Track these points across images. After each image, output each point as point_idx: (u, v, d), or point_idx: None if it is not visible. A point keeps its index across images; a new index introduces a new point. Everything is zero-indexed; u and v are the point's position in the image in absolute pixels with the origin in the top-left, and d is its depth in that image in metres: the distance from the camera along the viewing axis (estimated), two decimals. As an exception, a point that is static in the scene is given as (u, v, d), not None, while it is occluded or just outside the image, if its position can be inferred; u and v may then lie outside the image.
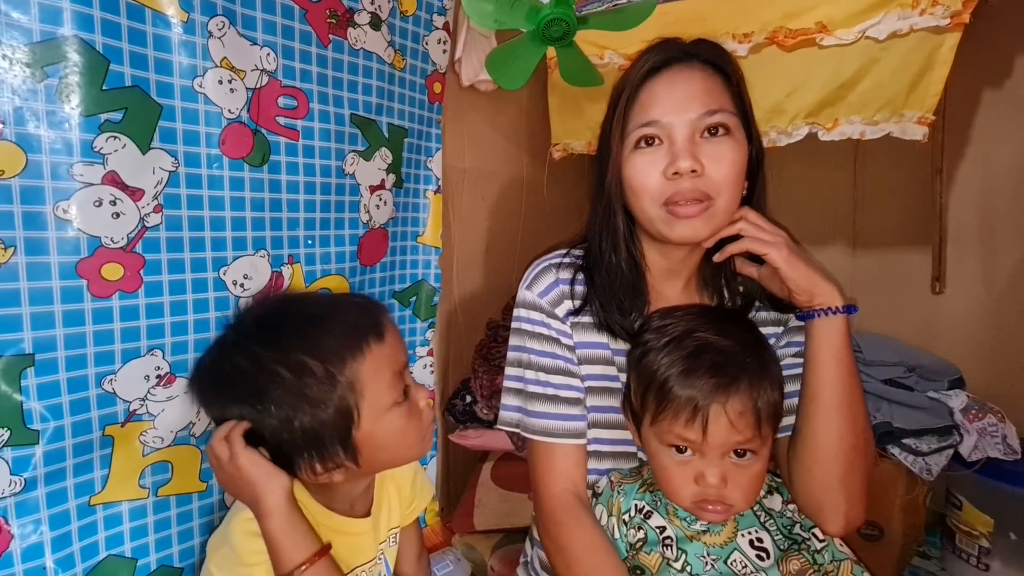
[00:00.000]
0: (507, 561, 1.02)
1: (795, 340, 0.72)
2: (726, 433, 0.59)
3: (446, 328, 1.27)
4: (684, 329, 0.64)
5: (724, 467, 0.61)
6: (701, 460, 0.61)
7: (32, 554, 0.63)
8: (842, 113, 1.01)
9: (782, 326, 0.73)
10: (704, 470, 0.61)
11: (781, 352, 0.72)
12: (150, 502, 0.73)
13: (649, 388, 0.63)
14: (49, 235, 0.62)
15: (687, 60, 0.66)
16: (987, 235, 1.21)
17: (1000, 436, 1.05)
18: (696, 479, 0.61)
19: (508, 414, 0.74)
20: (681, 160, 0.62)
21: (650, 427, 0.64)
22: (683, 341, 0.63)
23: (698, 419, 0.59)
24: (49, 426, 0.63)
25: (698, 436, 0.59)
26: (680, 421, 0.60)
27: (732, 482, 0.61)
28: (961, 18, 0.88)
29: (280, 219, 0.83)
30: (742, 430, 0.59)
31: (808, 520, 0.66)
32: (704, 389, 0.59)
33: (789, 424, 0.68)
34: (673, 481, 0.63)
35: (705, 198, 0.63)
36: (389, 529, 0.75)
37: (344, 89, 0.90)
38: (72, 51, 0.61)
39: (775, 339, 0.73)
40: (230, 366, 0.61)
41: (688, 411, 0.59)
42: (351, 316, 0.63)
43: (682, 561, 0.64)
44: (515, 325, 0.74)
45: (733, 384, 0.59)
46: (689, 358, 0.61)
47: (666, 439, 0.62)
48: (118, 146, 0.65)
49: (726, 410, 0.59)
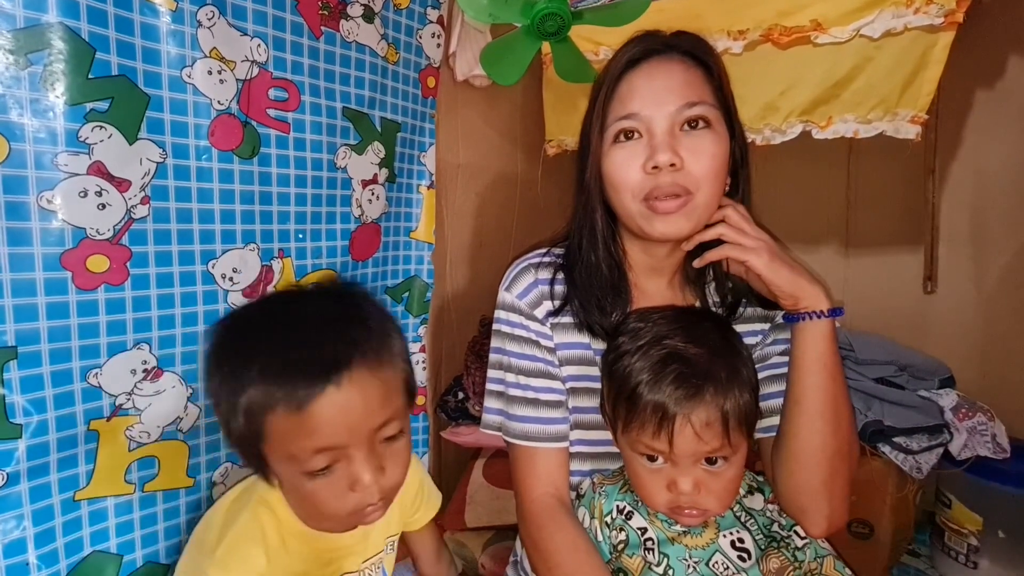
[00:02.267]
0: (498, 559, 1.02)
1: (781, 337, 0.71)
2: (693, 443, 0.59)
3: (438, 324, 1.26)
4: (654, 335, 0.63)
5: (696, 474, 0.60)
6: (673, 468, 0.60)
7: (14, 550, 0.62)
8: (836, 111, 1.01)
9: (768, 323, 0.73)
10: (676, 478, 0.60)
11: (768, 350, 0.71)
12: (136, 498, 0.72)
13: (620, 395, 0.63)
14: (33, 225, 0.61)
15: (667, 52, 0.65)
16: (978, 235, 1.22)
17: (990, 435, 1.05)
18: (668, 486, 0.61)
19: (490, 417, 0.74)
20: (660, 154, 0.61)
21: (622, 435, 0.63)
22: (651, 349, 0.62)
23: (663, 430, 0.59)
24: (32, 420, 0.62)
25: (665, 447, 0.59)
26: (647, 431, 0.60)
27: (705, 489, 0.60)
28: (955, 17, 0.88)
29: (270, 212, 0.82)
30: (708, 440, 0.59)
31: (790, 519, 0.66)
32: (668, 401, 0.58)
33: (774, 424, 0.68)
34: (647, 488, 0.63)
35: (684, 192, 0.62)
36: (387, 537, 0.72)
37: (336, 82, 0.89)
38: (57, 38, 0.60)
39: (762, 335, 0.72)
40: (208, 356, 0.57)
41: (654, 422, 0.59)
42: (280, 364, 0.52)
43: (664, 565, 0.63)
44: (495, 327, 0.73)
45: (697, 395, 0.59)
46: (656, 367, 0.60)
47: (636, 448, 0.62)
48: (104, 136, 0.64)
49: (691, 421, 0.58)
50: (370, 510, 0.57)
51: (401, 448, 0.58)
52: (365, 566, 0.67)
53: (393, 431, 0.56)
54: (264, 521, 0.59)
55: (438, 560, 0.84)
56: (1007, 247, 1.19)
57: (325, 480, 0.54)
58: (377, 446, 0.56)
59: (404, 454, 0.59)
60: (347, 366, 0.52)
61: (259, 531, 0.59)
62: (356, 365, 0.52)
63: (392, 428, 0.56)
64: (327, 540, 0.62)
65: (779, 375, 0.69)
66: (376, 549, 0.69)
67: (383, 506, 0.58)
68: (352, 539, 0.65)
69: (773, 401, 0.69)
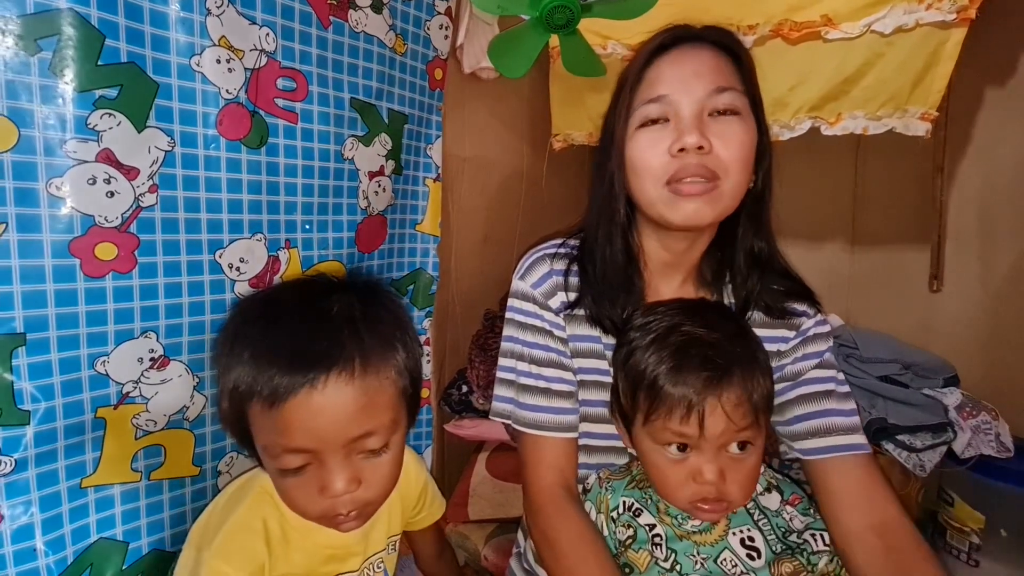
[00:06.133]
0: (500, 551, 1.02)
1: (812, 351, 0.69)
2: (724, 426, 0.58)
3: (443, 317, 1.26)
4: (668, 325, 0.63)
5: (721, 462, 0.60)
6: (698, 456, 0.60)
7: (22, 535, 0.62)
8: (845, 108, 1.01)
9: (795, 331, 0.70)
10: (701, 467, 0.60)
11: (801, 365, 0.69)
12: (142, 486, 0.73)
13: (639, 388, 0.62)
14: (41, 212, 0.61)
15: (696, 40, 0.64)
16: (986, 234, 1.21)
17: (993, 434, 1.05)
18: (694, 477, 0.60)
19: (500, 405, 0.73)
20: (687, 136, 0.60)
21: (643, 427, 0.63)
22: (668, 337, 0.62)
23: (693, 415, 0.58)
24: (40, 407, 0.62)
25: (695, 431, 0.59)
26: (675, 418, 0.59)
27: (730, 477, 0.60)
28: (967, 13, 0.87)
29: (277, 203, 0.82)
30: (738, 421, 0.59)
31: (804, 524, 0.65)
32: (697, 384, 0.58)
33: (828, 445, 0.65)
34: (669, 481, 0.62)
35: (712, 176, 0.60)
36: (388, 537, 0.71)
37: (344, 72, 0.88)
38: (67, 24, 0.59)
39: (783, 343, 0.70)
40: None
41: (683, 408, 0.59)
42: (264, 359, 0.52)
43: (671, 560, 0.63)
44: (508, 315, 0.73)
45: (726, 376, 0.59)
46: (677, 354, 0.60)
47: (661, 437, 0.61)
48: (113, 123, 0.64)
49: (722, 403, 0.58)
50: (341, 520, 0.55)
51: (384, 464, 0.56)
52: (365, 565, 0.67)
53: (375, 445, 0.54)
54: (266, 512, 0.59)
55: (439, 559, 0.84)
56: (1014, 246, 1.18)
57: (297, 479, 0.53)
58: (354, 457, 0.54)
59: (386, 469, 0.57)
60: (328, 371, 0.50)
61: (260, 522, 0.58)
62: (339, 371, 0.51)
63: (374, 442, 0.54)
64: (327, 536, 0.61)
65: (819, 393, 0.67)
66: (377, 548, 0.68)
67: (358, 518, 0.56)
68: (352, 538, 0.64)
69: (816, 421, 0.66)
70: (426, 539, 0.82)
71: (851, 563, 0.61)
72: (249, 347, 0.53)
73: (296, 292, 0.60)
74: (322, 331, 0.53)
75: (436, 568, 0.84)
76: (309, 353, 0.51)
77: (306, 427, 0.50)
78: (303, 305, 0.57)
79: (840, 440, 0.65)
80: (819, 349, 0.69)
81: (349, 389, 0.51)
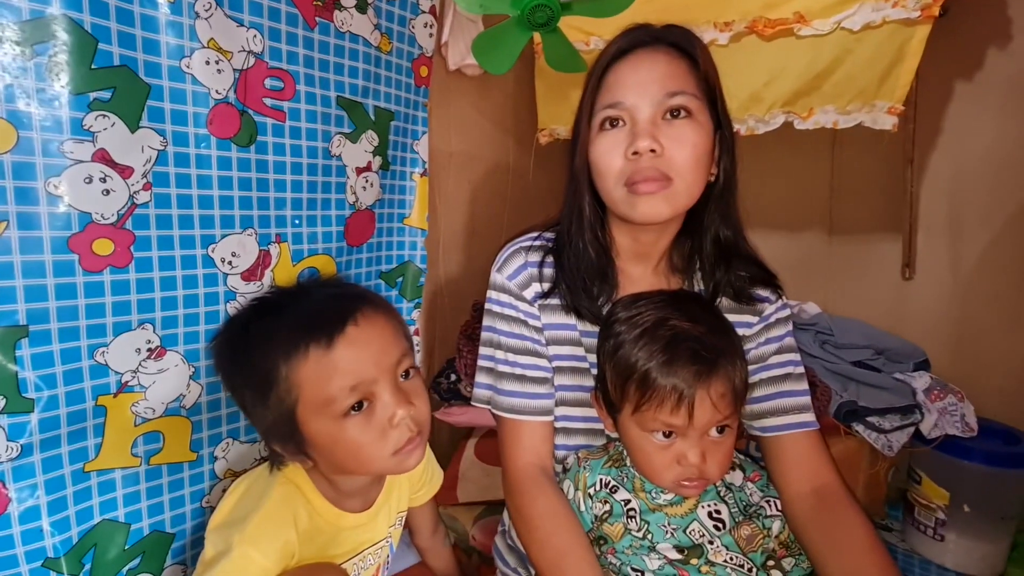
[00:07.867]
0: (487, 530, 1.06)
1: (774, 335, 0.73)
2: (710, 415, 0.62)
3: (432, 308, 1.30)
4: (655, 318, 0.66)
5: (703, 445, 0.64)
6: (683, 442, 0.64)
7: (29, 516, 0.66)
8: (817, 102, 1.04)
9: (758, 316, 0.74)
10: (686, 451, 0.64)
11: (763, 350, 0.73)
12: (142, 470, 0.76)
13: (629, 380, 0.65)
14: (41, 210, 0.63)
15: (653, 44, 0.67)
16: (955, 224, 1.25)
17: (959, 415, 1.10)
18: (678, 460, 0.64)
19: (480, 391, 0.77)
20: (640, 140, 0.63)
21: (631, 416, 0.66)
22: (657, 331, 0.65)
23: (683, 406, 0.62)
24: (43, 395, 0.65)
25: (684, 421, 0.62)
26: (665, 409, 0.62)
27: (710, 458, 0.64)
28: (931, 11, 0.91)
29: (267, 199, 0.85)
30: (723, 409, 0.63)
31: (760, 493, 0.71)
32: (688, 377, 0.62)
33: (776, 424, 0.71)
34: (655, 465, 0.66)
35: (663, 178, 0.64)
36: (397, 513, 0.76)
37: (330, 71, 0.91)
38: (61, 30, 0.62)
39: (748, 328, 0.74)
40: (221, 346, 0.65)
41: (673, 399, 0.62)
42: (305, 318, 0.59)
43: (644, 530, 0.67)
44: (487, 306, 0.76)
45: (713, 369, 0.62)
46: (667, 348, 0.63)
47: (650, 426, 0.64)
48: (107, 124, 0.67)
49: (710, 394, 0.62)
50: (410, 448, 0.62)
51: (419, 384, 0.64)
52: (380, 543, 0.72)
53: (408, 365, 0.63)
54: (296, 503, 0.63)
55: (435, 532, 0.89)
56: (982, 235, 1.22)
57: (363, 420, 0.59)
58: (399, 381, 0.62)
59: (423, 389, 0.65)
60: (359, 310, 0.60)
61: (291, 512, 0.62)
62: (366, 309, 0.61)
63: (408, 362, 0.63)
64: (346, 519, 0.66)
65: (778, 376, 0.72)
66: (388, 524, 0.73)
67: (421, 442, 0.63)
68: (367, 518, 0.69)
69: (774, 401, 0.72)
70: (424, 514, 0.86)
71: (794, 521, 0.68)
72: (285, 324, 0.59)
73: (287, 292, 0.67)
74: (335, 295, 0.64)
75: (431, 543, 0.89)
76: (338, 304, 0.61)
77: (360, 358, 0.59)
78: (304, 294, 0.64)
79: (794, 419, 0.71)
80: (779, 333, 0.73)
81: (379, 319, 0.62)
